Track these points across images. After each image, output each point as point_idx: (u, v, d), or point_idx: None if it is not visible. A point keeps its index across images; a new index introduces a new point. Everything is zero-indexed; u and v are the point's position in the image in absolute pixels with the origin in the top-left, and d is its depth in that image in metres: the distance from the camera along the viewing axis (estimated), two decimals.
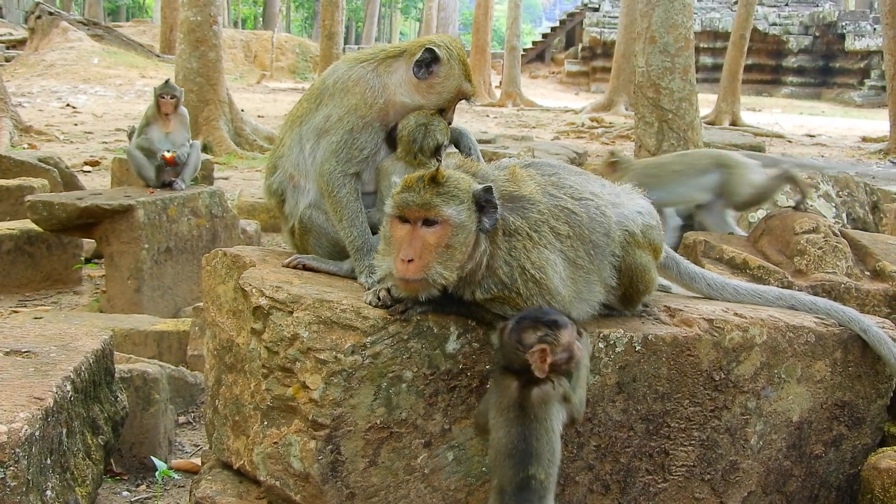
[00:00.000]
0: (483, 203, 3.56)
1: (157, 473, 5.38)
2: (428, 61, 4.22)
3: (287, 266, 4.22)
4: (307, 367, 3.62)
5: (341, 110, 4.21)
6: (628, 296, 4.13)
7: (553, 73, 56.66)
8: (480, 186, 3.57)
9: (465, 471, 3.81)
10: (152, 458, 5.47)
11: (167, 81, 10.02)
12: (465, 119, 30.95)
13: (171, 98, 9.58)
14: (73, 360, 4.33)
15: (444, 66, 4.25)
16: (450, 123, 4.37)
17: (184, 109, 9.91)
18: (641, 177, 7.23)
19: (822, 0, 56.55)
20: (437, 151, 4.22)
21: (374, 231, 4.15)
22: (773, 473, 4.39)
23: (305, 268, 4.23)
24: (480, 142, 20.74)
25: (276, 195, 4.44)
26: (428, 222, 3.50)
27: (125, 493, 5.26)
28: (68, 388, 4.09)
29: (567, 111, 37.65)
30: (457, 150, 4.55)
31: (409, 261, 3.47)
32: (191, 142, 9.88)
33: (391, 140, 4.29)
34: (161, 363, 6.36)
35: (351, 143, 4.17)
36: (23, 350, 4.39)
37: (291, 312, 3.69)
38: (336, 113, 4.22)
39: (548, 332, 3.40)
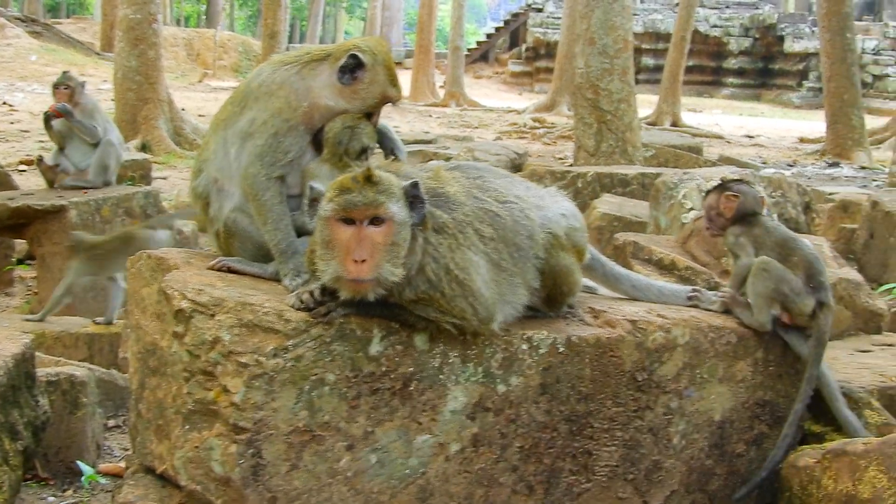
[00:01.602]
0: (411, 198, 3.58)
1: (83, 478, 5.32)
2: (352, 66, 4.21)
3: (211, 269, 4.20)
4: (228, 371, 3.61)
5: (266, 114, 4.20)
6: (552, 297, 4.16)
7: (497, 73, 56.75)
8: (408, 182, 3.60)
9: (388, 473, 3.81)
10: (79, 462, 5.41)
11: (64, 73, 9.95)
12: (407, 119, 30.96)
13: (64, 89, 9.48)
14: None
15: (368, 72, 4.24)
16: (375, 126, 4.37)
17: (90, 100, 9.78)
18: None
19: (762, 2, 57.24)
20: (362, 154, 4.22)
21: (300, 234, 4.15)
22: (696, 472, 4.45)
23: (230, 270, 4.21)
24: (421, 142, 20.85)
25: (201, 198, 4.42)
26: (374, 221, 3.51)
27: (51, 499, 5.19)
28: None
29: (510, 111, 37.73)
30: (380, 149, 4.56)
31: (361, 261, 3.48)
32: (106, 135, 9.70)
33: (317, 143, 4.29)
34: (91, 366, 6.29)
35: (275, 147, 4.16)
36: None
37: (213, 315, 3.67)
38: (261, 116, 4.21)
39: None
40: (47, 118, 9.55)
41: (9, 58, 34.86)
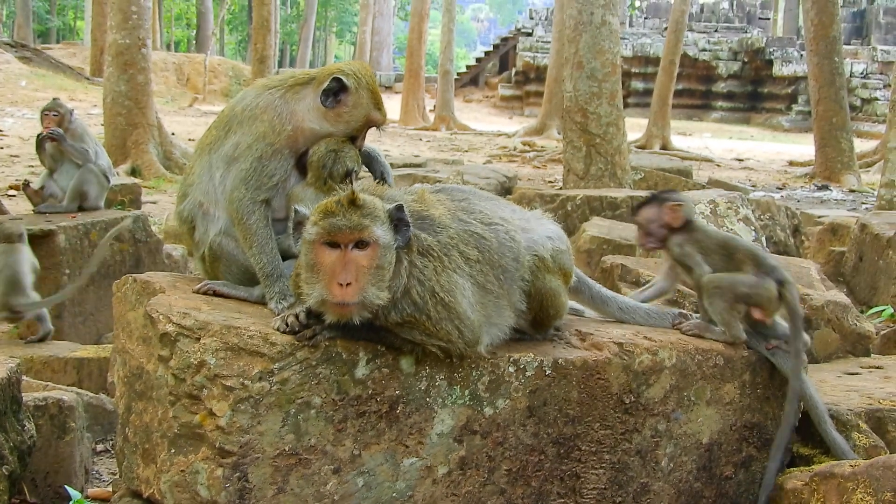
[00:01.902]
0: (396, 221, 3.59)
1: (71, 503, 5.29)
2: (335, 90, 4.22)
3: (197, 292, 4.20)
4: (214, 394, 3.60)
5: (250, 138, 4.21)
6: (539, 320, 4.16)
7: (487, 97, 56.96)
8: (392, 205, 3.61)
9: (375, 496, 3.80)
10: (66, 487, 5.38)
11: (53, 99, 9.98)
12: (397, 143, 31.02)
13: (53, 115, 9.50)
14: None
15: (352, 95, 4.26)
16: (360, 150, 4.37)
17: (79, 124, 9.78)
18: None
19: (751, 26, 57.59)
20: (347, 177, 4.23)
21: (285, 257, 4.15)
22: (684, 495, 4.44)
23: (216, 294, 4.21)
24: (411, 165, 20.87)
25: (187, 222, 4.42)
26: (359, 244, 3.52)
27: None
28: None
29: (500, 135, 37.85)
30: (369, 173, 4.56)
31: (346, 284, 3.48)
32: (97, 159, 9.69)
33: (302, 167, 4.29)
34: (79, 390, 6.26)
35: (260, 171, 4.16)
36: None
37: (198, 339, 3.66)
38: (245, 140, 4.22)
39: None
40: (40, 141, 9.56)
41: None
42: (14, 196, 16.65)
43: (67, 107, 9.79)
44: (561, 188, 15.82)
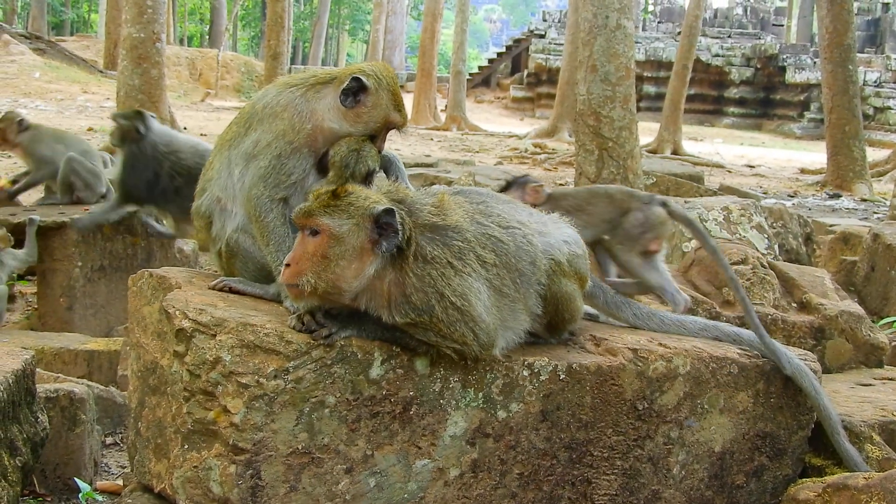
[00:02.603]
0: (383, 225, 3.59)
1: (80, 495, 5.30)
2: (355, 90, 4.22)
3: (213, 289, 4.20)
4: (229, 391, 3.60)
5: (270, 136, 4.21)
6: (554, 324, 4.16)
7: (498, 98, 56.95)
8: (382, 208, 3.60)
9: (386, 497, 3.80)
10: (76, 479, 5.39)
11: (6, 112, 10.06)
12: (408, 142, 31.00)
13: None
14: None
15: (371, 96, 4.25)
16: (380, 151, 4.37)
17: (27, 135, 9.68)
18: None
19: (764, 33, 57.50)
20: (368, 177, 4.23)
21: None
22: (695, 503, 4.43)
23: (232, 290, 4.21)
24: (423, 165, 20.87)
25: (204, 217, 4.42)
26: (313, 232, 3.60)
27: None
28: None
29: (511, 136, 37.82)
30: (385, 177, 4.56)
31: (287, 265, 3.60)
32: (67, 153, 9.59)
33: (322, 167, 4.29)
34: (89, 383, 6.27)
35: (279, 169, 4.16)
36: None
37: (214, 335, 3.67)
38: (265, 138, 4.21)
39: None
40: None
41: (13, 74, 34.96)
42: None
43: (16, 117, 9.74)
44: None
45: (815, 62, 45.91)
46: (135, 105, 19.57)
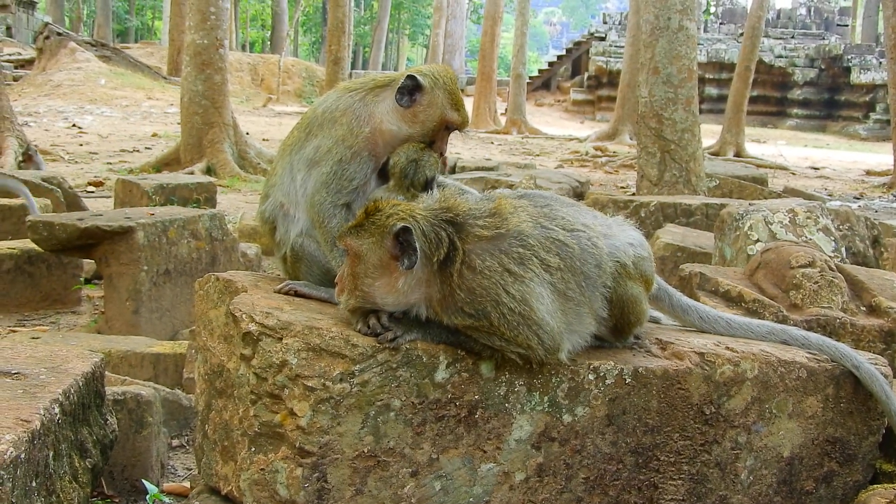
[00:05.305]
0: (402, 242, 3.62)
1: (147, 497, 5.35)
2: (410, 88, 4.23)
3: (278, 292, 4.22)
4: (295, 394, 3.61)
5: (330, 141, 4.23)
6: (619, 327, 4.12)
7: (558, 101, 56.85)
8: (399, 227, 3.61)
9: (452, 501, 3.79)
10: (143, 481, 5.45)
11: None
12: (468, 146, 31.05)
13: None
14: (63, 383, 4.31)
15: (427, 94, 4.26)
16: (442, 154, 4.37)
17: None
18: None
19: (829, 33, 56.75)
20: (428, 184, 4.24)
21: None
22: None
23: (297, 294, 4.23)
24: (483, 169, 20.88)
25: (268, 222, 4.46)
26: (348, 251, 3.73)
27: None
28: (56, 410, 4.08)
29: (571, 139, 37.72)
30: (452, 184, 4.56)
31: (335, 284, 3.83)
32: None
33: (384, 174, 4.31)
34: (156, 385, 6.34)
35: (340, 174, 4.18)
36: (12, 372, 4.37)
37: (281, 339, 3.69)
38: (325, 144, 4.24)
39: None
40: None
41: (79, 81, 35.54)
42: (93, 193, 16.96)
43: None
44: (634, 194, 15.71)
45: (880, 62, 45.24)
46: (198, 111, 19.86)
